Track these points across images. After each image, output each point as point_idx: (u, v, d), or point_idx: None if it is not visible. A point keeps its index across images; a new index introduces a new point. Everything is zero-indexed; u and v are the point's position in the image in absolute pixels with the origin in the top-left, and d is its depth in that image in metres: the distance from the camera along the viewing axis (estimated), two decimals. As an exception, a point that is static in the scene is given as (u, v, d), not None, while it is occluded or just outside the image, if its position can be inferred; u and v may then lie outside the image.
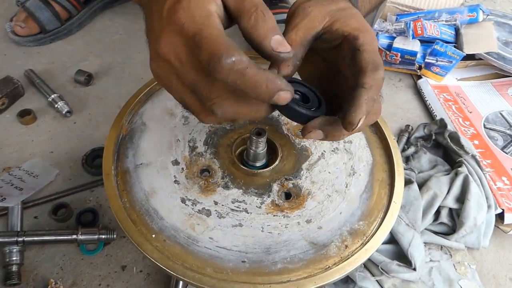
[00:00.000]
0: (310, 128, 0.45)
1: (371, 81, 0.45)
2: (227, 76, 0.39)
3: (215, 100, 0.42)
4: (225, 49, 0.38)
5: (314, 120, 0.45)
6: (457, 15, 1.21)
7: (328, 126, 0.46)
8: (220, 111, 0.42)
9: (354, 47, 0.48)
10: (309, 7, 0.50)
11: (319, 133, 0.46)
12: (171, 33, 0.41)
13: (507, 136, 1.04)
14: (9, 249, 0.74)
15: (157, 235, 0.51)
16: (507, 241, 0.88)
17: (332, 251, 0.51)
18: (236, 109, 0.43)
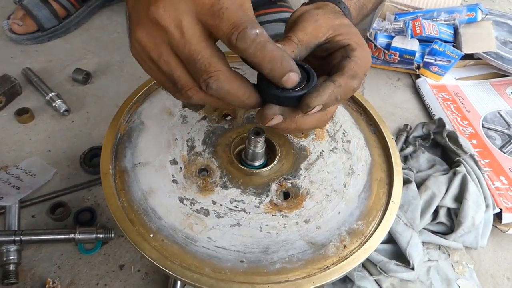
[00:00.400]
0: (270, 115, 0.46)
1: (343, 82, 0.47)
2: (249, 46, 0.39)
3: (214, 73, 0.41)
4: (248, 21, 0.39)
5: (273, 107, 0.46)
6: (455, 14, 1.21)
7: (286, 110, 0.46)
8: (215, 85, 0.41)
9: (347, 55, 0.51)
10: (317, 15, 0.53)
11: (279, 117, 0.46)
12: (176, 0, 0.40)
13: (505, 136, 1.05)
14: (6, 248, 0.74)
15: (155, 234, 0.51)
16: (505, 240, 0.89)
17: (330, 251, 0.51)
18: (231, 88, 0.43)
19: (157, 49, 0.43)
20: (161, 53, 0.43)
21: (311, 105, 0.44)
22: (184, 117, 0.64)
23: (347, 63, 0.50)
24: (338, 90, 0.47)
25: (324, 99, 0.45)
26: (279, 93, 0.45)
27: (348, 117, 0.67)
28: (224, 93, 0.43)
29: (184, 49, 0.41)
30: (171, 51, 0.42)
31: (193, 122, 0.64)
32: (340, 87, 0.47)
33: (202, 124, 0.64)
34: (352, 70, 0.49)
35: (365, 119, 0.68)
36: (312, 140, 0.64)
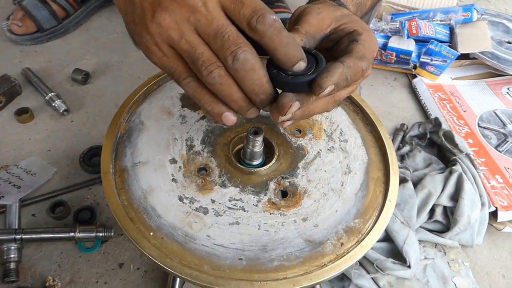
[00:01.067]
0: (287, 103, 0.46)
1: (352, 63, 0.48)
2: (267, 30, 0.42)
3: (242, 44, 0.42)
4: (266, 9, 0.42)
5: (288, 95, 0.46)
6: (451, 14, 1.22)
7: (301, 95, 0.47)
8: (243, 56, 0.42)
9: (354, 39, 0.51)
10: (318, 8, 0.54)
11: (297, 104, 0.46)
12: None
13: (500, 135, 1.06)
14: (7, 247, 0.74)
15: (155, 233, 0.51)
16: (501, 238, 0.89)
17: (328, 249, 0.52)
18: (256, 64, 0.43)
19: (180, 29, 0.43)
20: (184, 33, 0.43)
21: (323, 86, 0.45)
22: (183, 116, 0.65)
23: (354, 46, 0.50)
24: (347, 70, 0.47)
25: (335, 79, 0.46)
26: (291, 80, 0.45)
27: (345, 117, 0.68)
28: (249, 68, 0.43)
29: (212, 25, 0.43)
30: (194, 30, 0.44)
31: (192, 122, 0.64)
32: (349, 68, 0.48)
33: (201, 124, 0.64)
34: (360, 52, 0.50)
35: (362, 119, 0.68)
36: (309, 139, 0.64)
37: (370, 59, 0.51)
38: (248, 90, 0.45)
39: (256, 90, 0.45)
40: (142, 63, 1.15)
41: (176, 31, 0.44)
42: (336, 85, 0.46)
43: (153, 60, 0.47)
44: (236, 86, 0.45)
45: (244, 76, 0.44)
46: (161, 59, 0.46)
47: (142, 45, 0.46)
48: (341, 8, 0.56)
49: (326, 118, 0.67)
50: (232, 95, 0.45)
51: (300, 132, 0.65)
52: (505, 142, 1.03)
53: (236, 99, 0.46)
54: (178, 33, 0.44)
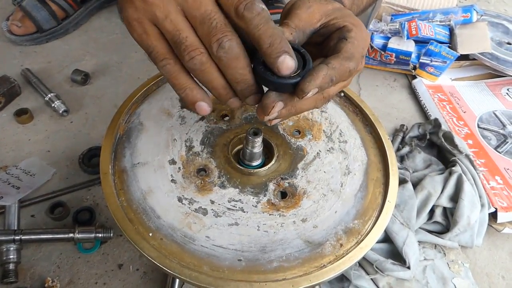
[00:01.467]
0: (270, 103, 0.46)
1: (338, 64, 0.47)
2: (254, 18, 0.41)
3: (228, 33, 0.42)
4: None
5: (271, 95, 0.46)
6: (451, 15, 1.22)
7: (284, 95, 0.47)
8: (228, 44, 0.42)
9: (343, 36, 0.51)
10: (309, 2, 0.53)
11: (280, 104, 0.46)
12: None
13: (500, 136, 1.06)
14: (6, 248, 0.74)
15: (154, 233, 0.51)
16: (500, 239, 0.89)
17: (327, 250, 0.52)
18: (240, 53, 0.43)
19: (166, 7, 0.43)
20: (169, 12, 0.43)
21: (305, 91, 0.45)
22: (183, 117, 0.65)
23: (343, 45, 0.50)
24: (332, 72, 0.47)
25: (317, 83, 0.46)
26: (275, 80, 0.45)
27: (345, 118, 0.68)
28: (233, 56, 0.43)
29: (200, 9, 0.42)
30: (181, 11, 0.43)
31: (191, 123, 0.64)
32: (334, 69, 0.47)
33: (200, 125, 0.64)
34: (348, 52, 0.49)
35: (362, 120, 0.68)
36: (309, 140, 0.64)
37: (359, 58, 0.51)
38: (230, 78, 0.45)
39: (238, 79, 0.45)
40: (142, 64, 1.15)
41: (162, 9, 0.43)
42: (320, 88, 0.46)
43: (133, 36, 0.46)
44: (218, 73, 0.45)
45: (227, 63, 0.43)
46: (140, 35, 0.45)
47: (125, 19, 0.46)
48: (333, 2, 0.55)
49: (325, 119, 0.67)
50: (213, 82, 0.45)
51: (299, 133, 0.65)
52: (505, 143, 1.03)
53: (217, 86, 0.46)
54: (164, 11, 0.43)
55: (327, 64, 0.47)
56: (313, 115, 0.67)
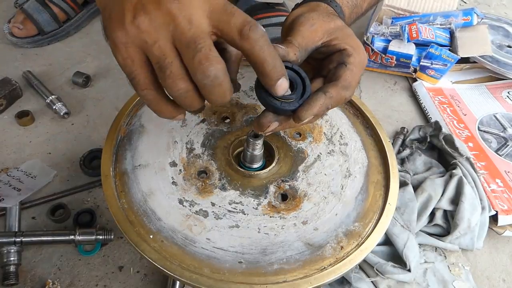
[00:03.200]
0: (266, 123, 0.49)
1: (335, 94, 0.51)
2: (259, 39, 0.42)
3: (215, 60, 0.41)
4: (255, 22, 0.42)
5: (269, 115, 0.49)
6: (451, 18, 1.22)
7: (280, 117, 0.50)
8: (214, 73, 0.41)
9: (343, 62, 0.53)
10: (312, 19, 0.55)
11: (275, 124, 0.50)
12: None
13: (501, 139, 1.06)
14: (7, 250, 0.74)
15: (155, 236, 0.51)
16: (501, 242, 0.89)
17: (327, 252, 0.52)
18: (225, 78, 0.42)
19: (156, 34, 0.42)
20: (159, 38, 0.42)
21: (302, 118, 0.48)
22: (183, 120, 0.65)
23: (342, 73, 0.52)
24: (329, 101, 0.50)
25: (314, 112, 0.49)
26: (278, 105, 0.47)
27: (345, 120, 0.68)
28: (217, 84, 0.42)
29: (189, 33, 0.41)
30: (170, 39, 0.42)
31: (192, 125, 0.65)
32: (331, 98, 0.50)
33: (201, 127, 0.65)
34: (346, 81, 0.52)
35: (362, 122, 0.69)
36: (309, 142, 0.64)
37: (355, 86, 0.53)
38: (210, 101, 0.44)
39: (218, 102, 0.45)
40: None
41: (152, 35, 0.42)
42: (316, 115, 0.49)
43: (117, 59, 0.45)
44: (199, 97, 0.45)
45: (211, 91, 0.43)
46: (125, 60, 0.44)
47: (112, 41, 0.45)
48: (335, 19, 0.57)
49: (326, 122, 0.67)
50: (193, 106, 0.45)
51: (300, 135, 0.65)
52: (505, 146, 1.03)
53: (196, 108, 0.46)
54: (153, 37, 0.42)
55: (325, 93, 0.50)
56: (313, 118, 0.68)
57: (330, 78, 0.53)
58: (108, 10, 0.45)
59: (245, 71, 0.73)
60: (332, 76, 0.53)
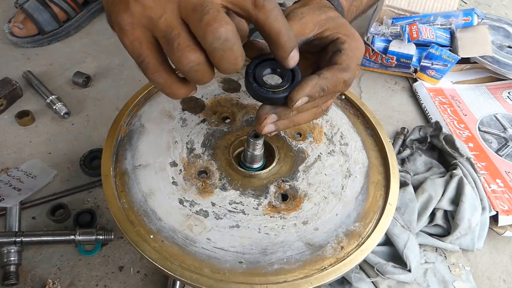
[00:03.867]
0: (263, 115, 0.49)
1: (331, 75, 0.50)
2: (272, 10, 0.41)
3: (223, 21, 0.39)
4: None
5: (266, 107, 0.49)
6: (452, 19, 1.22)
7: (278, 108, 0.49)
8: (224, 35, 0.39)
9: (337, 49, 0.53)
10: (301, 13, 0.55)
11: (273, 116, 0.49)
12: None
13: (501, 139, 1.06)
14: (7, 249, 0.74)
15: (155, 235, 0.51)
16: (501, 243, 0.89)
17: (328, 252, 0.52)
18: (237, 42, 0.40)
19: (161, 8, 0.41)
20: (165, 11, 0.41)
21: (294, 99, 0.47)
22: (184, 120, 0.65)
23: (338, 58, 0.52)
24: (323, 81, 0.49)
25: (306, 92, 0.47)
26: (269, 95, 0.48)
27: (346, 120, 0.68)
28: (228, 48, 0.40)
29: (194, 1, 0.40)
30: (176, 11, 0.41)
31: (192, 125, 0.65)
32: (327, 79, 0.49)
33: (202, 127, 0.65)
34: (343, 63, 0.51)
35: (363, 122, 0.69)
36: (310, 143, 0.64)
37: (354, 68, 0.52)
38: (222, 69, 0.42)
39: (230, 69, 0.42)
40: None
41: (157, 10, 0.41)
42: (310, 96, 0.48)
43: (124, 43, 0.44)
44: (210, 68, 0.43)
45: (222, 56, 0.41)
46: (132, 43, 0.43)
47: (117, 25, 0.43)
48: (327, 11, 0.56)
49: (326, 122, 0.67)
50: (204, 79, 0.44)
51: (300, 136, 0.65)
52: (506, 146, 1.03)
53: (208, 81, 0.44)
54: (159, 12, 0.41)
55: (318, 74, 0.49)
56: (314, 118, 0.68)
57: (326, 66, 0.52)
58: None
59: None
60: (328, 64, 0.52)
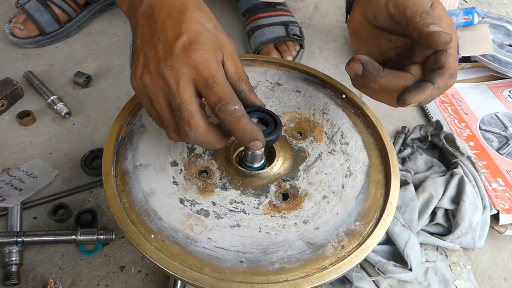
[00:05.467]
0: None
1: (443, 84, 0.51)
2: (226, 118, 0.48)
3: (193, 126, 0.48)
4: (231, 98, 0.48)
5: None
6: (452, 17, 1.22)
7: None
8: (193, 136, 0.49)
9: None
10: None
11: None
12: (181, 63, 0.48)
13: (502, 138, 1.05)
14: (8, 249, 0.74)
15: (156, 235, 0.51)
16: (502, 241, 0.89)
17: (328, 251, 0.52)
18: (206, 139, 0.50)
19: (156, 92, 0.50)
20: (158, 96, 0.50)
21: (407, 102, 0.50)
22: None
23: (444, 60, 0.52)
24: (436, 91, 0.50)
25: (421, 99, 0.50)
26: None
27: (346, 119, 0.68)
28: (199, 143, 0.51)
29: (176, 100, 0.48)
30: (166, 98, 0.50)
31: (193, 125, 0.64)
32: (439, 89, 0.50)
33: (202, 127, 0.65)
34: (451, 69, 0.51)
35: (363, 121, 0.69)
36: (310, 142, 0.64)
37: (457, 69, 0.53)
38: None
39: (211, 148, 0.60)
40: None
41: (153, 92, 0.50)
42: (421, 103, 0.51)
43: (139, 99, 0.54)
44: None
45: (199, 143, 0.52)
46: (143, 102, 0.54)
47: (131, 83, 0.53)
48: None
49: (327, 121, 0.67)
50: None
51: (301, 135, 0.65)
52: (507, 145, 1.03)
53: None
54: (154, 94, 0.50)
55: (434, 83, 0.50)
56: (314, 117, 0.68)
57: (431, 66, 0.52)
58: (134, 56, 0.53)
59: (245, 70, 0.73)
60: (434, 64, 0.52)
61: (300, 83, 0.73)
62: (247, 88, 0.54)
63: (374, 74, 0.55)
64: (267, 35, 1.17)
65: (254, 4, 1.24)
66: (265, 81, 0.72)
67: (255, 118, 0.55)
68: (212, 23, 0.52)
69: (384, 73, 0.55)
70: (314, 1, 1.50)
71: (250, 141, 0.50)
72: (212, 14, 0.54)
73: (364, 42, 0.65)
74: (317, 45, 1.32)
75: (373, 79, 0.55)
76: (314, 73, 0.73)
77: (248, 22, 1.24)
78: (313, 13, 1.45)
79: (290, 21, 1.22)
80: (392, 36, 0.60)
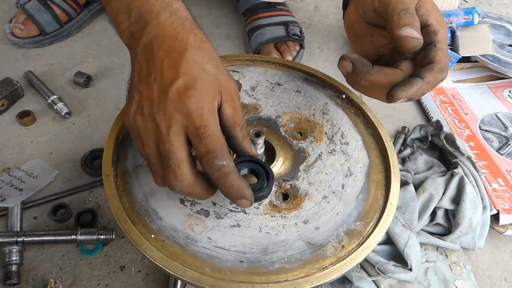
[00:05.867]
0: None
1: (433, 79, 0.50)
2: (213, 172, 0.46)
3: (180, 177, 0.46)
4: (220, 152, 0.45)
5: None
6: (452, 17, 1.22)
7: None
8: (179, 188, 0.47)
9: (431, 41, 0.52)
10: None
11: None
12: (174, 109, 0.46)
13: (502, 138, 1.05)
14: (8, 249, 0.74)
15: (156, 235, 0.52)
16: (502, 241, 0.89)
17: (329, 251, 0.52)
18: (192, 190, 0.48)
19: (147, 135, 0.48)
20: (148, 139, 0.48)
21: (396, 98, 0.50)
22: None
23: (434, 54, 0.51)
24: (426, 86, 0.50)
25: (410, 94, 0.49)
26: None
27: (346, 120, 0.68)
28: (184, 194, 0.50)
29: (165, 147, 0.46)
30: (156, 143, 0.47)
31: (193, 125, 0.64)
32: (429, 83, 0.50)
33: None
34: (441, 63, 0.51)
35: (363, 122, 0.69)
36: (310, 142, 0.64)
37: (448, 64, 0.52)
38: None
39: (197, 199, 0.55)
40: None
41: (144, 134, 0.48)
42: (410, 99, 0.50)
43: (131, 135, 0.52)
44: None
45: (183, 194, 0.50)
46: (134, 140, 0.51)
47: (124, 120, 0.52)
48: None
49: (327, 121, 0.67)
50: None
51: (301, 135, 0.65)
52: (507, 145, 1.03)
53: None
54: (145, 136, 0.48)
55: (423, 78, 0.50)
56: (314, 117, 0.68)
57: (421, 62, 0.52)
58: (130, 91, 0.51)
59: (246, 70, 0.73)
60: (424, 59, 0.52)
61: (300, 83, 0.73)
62: (241, 135, 0.51)
63: (364, 71, 0.55)
64: (267, 35, 1.17)
65: (254, 4, 1.24)
66: (265, 81, 0.72)
67: (246, 169, 0.53)
68: (213, 63, 0.49)
69: (374, 70, 0.56)
70: (314, 1, 1.50)
71: (237, 199, 0.47)
72: (215, 51, 0.51)
73: (358, 38, 0.65)
74: (317, 45, 1.32)
75: (363, 76, 0.56)
76: (314, 73, 0.73)
77: (248, 22, 1.24)
78: (313, 13, 1.45)
79: (290, 21, 1.22)
80: (384, 32, 0.60)
